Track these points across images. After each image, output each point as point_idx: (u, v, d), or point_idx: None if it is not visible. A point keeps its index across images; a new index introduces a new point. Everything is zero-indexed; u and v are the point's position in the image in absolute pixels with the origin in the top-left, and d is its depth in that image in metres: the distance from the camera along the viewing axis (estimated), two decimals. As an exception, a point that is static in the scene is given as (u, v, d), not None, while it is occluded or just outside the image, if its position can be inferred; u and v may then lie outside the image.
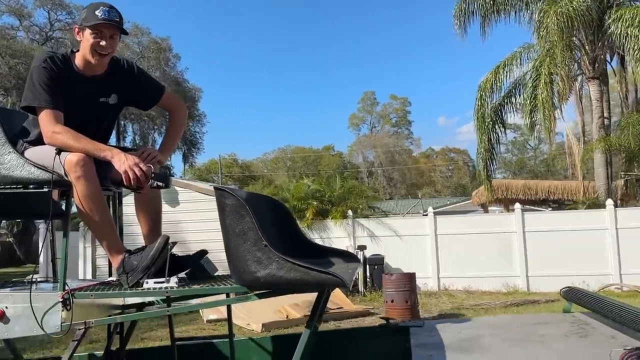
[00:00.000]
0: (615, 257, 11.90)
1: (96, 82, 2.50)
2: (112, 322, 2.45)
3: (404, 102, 60.83)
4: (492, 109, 14.81)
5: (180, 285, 2.24)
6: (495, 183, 18.75)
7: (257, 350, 3.20)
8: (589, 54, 14.22)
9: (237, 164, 55.23)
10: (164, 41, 29.84)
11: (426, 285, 12.45)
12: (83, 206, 2.22)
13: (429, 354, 2.28)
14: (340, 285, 2.02)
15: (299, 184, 14.84)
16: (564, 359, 1.91)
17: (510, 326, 2.76)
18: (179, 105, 2.79)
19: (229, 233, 2.05)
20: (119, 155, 2.22)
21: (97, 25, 2.37)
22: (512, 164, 53.36)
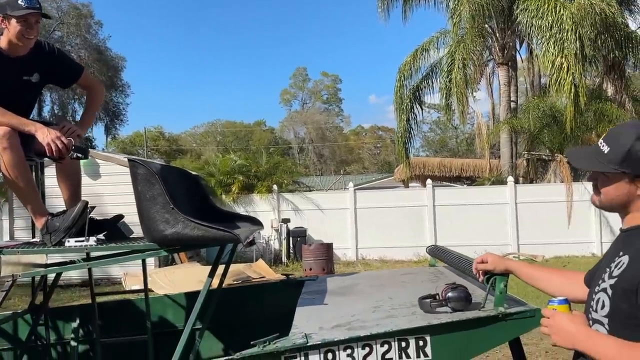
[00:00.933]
0: (514, 228, 13.19)
1: (20, 62, 2.75)
2: (37, 274, 2.76)
3: (335, 79, 61.50)
4: (410, 91, 15.66)
5: (98, 243, 2.59)
6: (414, 161, 19.86)
7: (172, 306, 3.59)
8: (499, 41, 15.32)
9: (163, 137, 53.88)
10: (85, 7, 28.52)
11: (345, 256, 13.24)
12: (9, 174, 2.50)
13: (313, 297, 2.78)
14: (235, 242, 2.45)
15: (225, 158, 15.08)
16: (409, 293, 2.46)
17: (384, 276, 3.34)
18: (96, 85, 3.11)
19: (141, 199, 2.41)
20: (42, 129, 2.52)
21: (24, 16, 2.61)
22: (435, 142, 55.72)
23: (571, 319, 1.44)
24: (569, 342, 1.41)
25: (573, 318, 1.44)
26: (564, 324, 1.43)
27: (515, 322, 2.06)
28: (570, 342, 1.41)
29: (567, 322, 1.43)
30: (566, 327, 1.42)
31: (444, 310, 2.13)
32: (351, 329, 2.07)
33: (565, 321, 1.44)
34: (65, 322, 3.49)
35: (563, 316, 1.45)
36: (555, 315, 1.46)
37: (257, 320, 3.24)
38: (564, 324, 1.43)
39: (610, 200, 1.49)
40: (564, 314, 1.46)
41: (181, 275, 9.93)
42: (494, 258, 2.04)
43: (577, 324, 1.42)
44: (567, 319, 1.44)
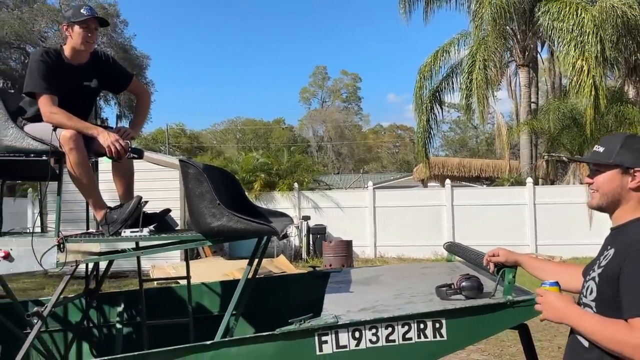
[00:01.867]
0: (532, 229, 13.31)
1: (81, 69, 3.10)
2: (96, 260, 3.10)
3: (355, 77, 61.53)
4: (430, 92, 15.84)
5: (151, 234, 2.92)
6: (433, 160, 20.01)
7: (208, 293, 3.93)
8: (520, 43, 15.41)
9: (185, 134, 54.64)
10: (111, 7, 29.15)
11: (364, 253, 13.51)
12: (74, 171, 2.85)
13: (339, 286, 3.08)
14: (273, 234, 2.75)
15: (247, 156, 15.45)
16: (427, 284, 2.74)
17: (404, 269, 3.62)
18: (144, 91, 3.48)
19: (191, 195, 2.73)
20: (103, 133, 2.85)
21: (85, 21, 2.97)
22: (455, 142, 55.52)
23: (560, 297, 1.71)
24: (557, 317, 1.68)
25: (562, 297, 1.71)
26: (554, 301, 1.70)
27: (522, 309, 2.33)
28: (558, 317, 1.68)
29: (557, 300, 1.70)
30: (555, 304, 1.69)
31: (458, 298, 2.42)
32: (376, 312, 2.36)
33: (554, 299, 1.70)
34: (112, 307, 3.85)
35: (553, 294, 1.72)
36: (547, 294, 1.73)
37: (287, 307, 3.54)
38: (553, 301, 1.70)
39: (606, 193, 1.74)
40: (554, 293, 1.73)
41: (206, 269, 10.33)
42: (504, 252, 2.31)
43: (565, 302, 1.68)
44: (557, 297, 1.70)
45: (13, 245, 2.85)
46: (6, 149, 2.89)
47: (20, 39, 25.24)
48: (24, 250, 2.84)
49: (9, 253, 2.84)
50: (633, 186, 1.69)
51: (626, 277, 1.53)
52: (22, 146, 2.88)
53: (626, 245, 1.62)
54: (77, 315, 3.69)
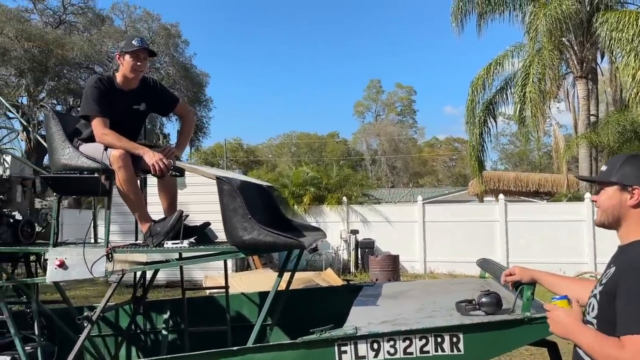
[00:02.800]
0: (591, 247, 12.76)
1: (131, 94, 3.39)
2: (141, 270, 3.35)
3: (410, 90, 61.20)
4: (483, 105, 15.60)
5: (190, 245, 3.14)
6: (488, 175, 19.60)
7: (247, 303, 4.12)
8: (577, 54, 14.95)
9: (241, 149, 56.05)
10: (173, 27, 30.53)
11: (413, 268, 13.40)
12: (122, 188, 3.12)
13: (367, 300, 3.18)
14: (300, 248, 2.90)
15: (297, 170, 15.74)
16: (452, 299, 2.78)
17: (434, 285, 3.67)
18: (189, 113, 3.73)
19: (225, 209, 2.93)
20: (149, 152, 3.11)
21: (135, 51, 3.26)
22: (514, 155, 53.91)
23: (567, 312, 1.75)
24: (562, 332, 1.73)
25: (568, 312, 1.75)
26: (560, 316, 1.75)
27: (540, 325, 2.35)
28: (563, 332, 1.73)
29: (563, 315, 1.75)
30: (561, 319, 1.74)
31: (478, 313, 2.47)
32: (395, 325, 2.45)
33: (561, 314, 1.75)
34: (158, 314, 4.11)
35: (560, 310, 1.77)
36: (554, 309, 1.78)
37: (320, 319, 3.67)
38: (560, 316, 1.75)
39: (606, 210, 1.79)
40: (561, 308, 1.77)
41: (255, 280, 10.58)
42: (520, 270, 2.36)
43: (570, 318, 1.73)
44: (563, 313, 1.75)
45: (67, 254, 3.14)
46: (63, 167, 3.21)
47: (89, 60, 26.87)
48: (77, 259, 3.12)
49: (64, 261, 3.12)
50: (632, 204, 1.72)
51: (619, 296, 1.57)
52: (77, 164, 3.18)
53: (625, 264, 1.65)
54: (126, 321, 3.97)
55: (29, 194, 3.64)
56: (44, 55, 25.94)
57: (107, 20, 30.43)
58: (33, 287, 3.48)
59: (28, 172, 3.90)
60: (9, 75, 27.03)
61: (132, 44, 3.30)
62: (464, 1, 15.81)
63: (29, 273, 3.68)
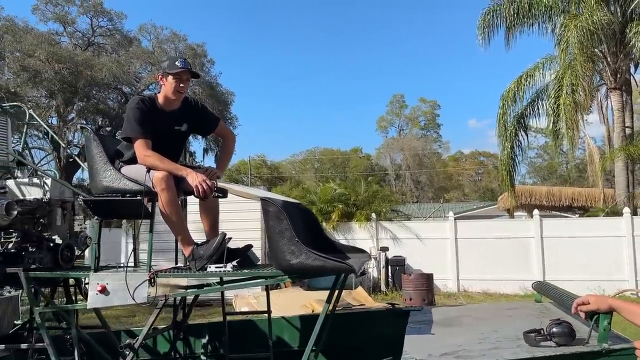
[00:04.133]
0: (631, 263, 12.27)
1: (173, 115, 3.32)
2: (184, 295, 3.25)
3: (433, 105, 60.84)
4: (514, 118, 15.30)
5: (234, 269, 3.03)
6: (519, 189, 19.16)
7: (288, 327, 3.98)
8: (610, 66, 14.58)
9: (265, 165, 56.32)
10: (199, 47, 31.03)
11: (446, 287, 13.06)
12: (165, 210, 3.03)
13: (419, 327, 3.01)
14: (350, 272, 2.76)
15: (325, 187, 15.60)
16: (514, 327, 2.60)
17: (488, 310, 3.47)
18: (229, 133, 3.66)
19: (272, 232, 2.81)
20: (192, 174, 3.02)
21: (179, 73, 3.19)
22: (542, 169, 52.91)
23: None
24: None
25: None
26: None
27: (619, 358, 2.15)
28: None
29: None
30: None
31: (548, 345, 2.28)
32: (459, 358, 2.27)
33: None
34: (197, 339, 3.99)
35: None
36: None
37: (366, 345, 3.51)
38: None
39: None
40: None
41: (285, 299, 10.44)
42: (595, 298, 2.14)
43: None
44: None
45: (109, 279, 3.05)
46: (105, 190, 3.14)
47: (117, 80, 27.40)
48: (119, 284, 3.03)
49: (105, 287, 3.04)
50: None
51: None
52: (119, 187, 3.11)
53: None
54: (165, 346, 3.86)
55: (69, 216, 3.59)
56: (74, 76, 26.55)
57: (134, 42, 31.07)
58: (73, 313, 3.41)
59: (67, 194, 3.86)
60: (40, 96, 27.74)
61: (176, 65, 3.24)
62: (491, 15, 15.63)
63: (68, 298, 3.61)
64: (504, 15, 15.33)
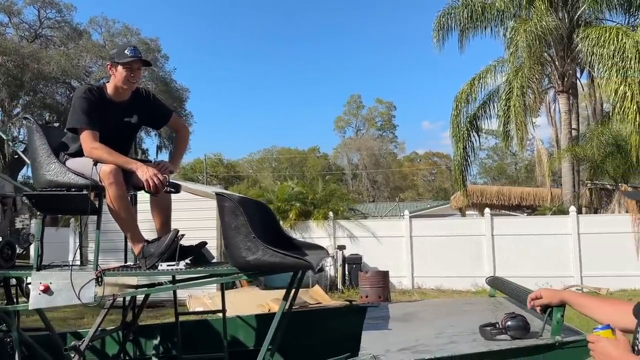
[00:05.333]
0: (576, 260, 12.77)
1: (122, 106, 3.17)
2: (134, 294, 3.11)
3: (389, 106, 61.54)
4: (467, 119, 15.66)
5: (186, 267, 2.92)
6: (471, 188, 19.65)
7: (244, 326, 3.88)
8: (558, 69, 15.14)
9: (222, 164, 55.57)
10: (153, 42, 30.26)
11: (401, 284, 13.22)
12: (114, 205, 2.89)
13: (377, 323, 2.99)
14: (308, 268, 2.70)
15: (283, 186, 15.51)
16: (470, 322, 2.62)
17: (445, 305, 3.50)
18: (183, 126, 3.53)
19: (227, 228, 2.72)
20: (142, 167, 2.89)
21: (129, 62, 3.04)
22: (493, 169, 54.54)
23: (614, 344, 1.53)
24: None
25: (616, 343, 1.53)
26: (607, 349, 1.53)
27: (572, 350, 2.19)
28: None
29: (610, 347, 1.52)
30: (609, 352, 1.52)
31: (504, 338, 2.29)
32: (416, 352, 2.25)
33: (608, 346, 1.53)
34: (148, 340, 3.84)
35: (606, 341, 1.54)
36: (599, 341, 1.55)
37: (324, 343, 3.46)
38: (607, 348, 1.53)
39: None
40: (607, 339, 1.55)
41: (241, 299, 10.29)
42: (548, 292, 2.17)
43: (619, 350, 1.51)
44: (610, 345, 1.53)
45: (53, 278, 2.89)
46: (48, 184, 2.97)
47: (65, 74, 26.38)
48: (63, 283, 2.87)
49: (49, 286, 2.87)
50: None
51: None
52: (63, 181, 2.94)
53: None
54: (114, 347, 3.70)
55: (10, 213, 3.38)
56: (19, 69, 25.40)
57: (84, 35, 30.00)
58: (13, 314, 3.21)
59: (8, 189, 3.64)
60: (-17, 90, 26.40)
61: (125, 53, 3.09)
62: (446, 17, 15.94)
63: (9, 299, 3.40)
64: (458, 18, 15.66)
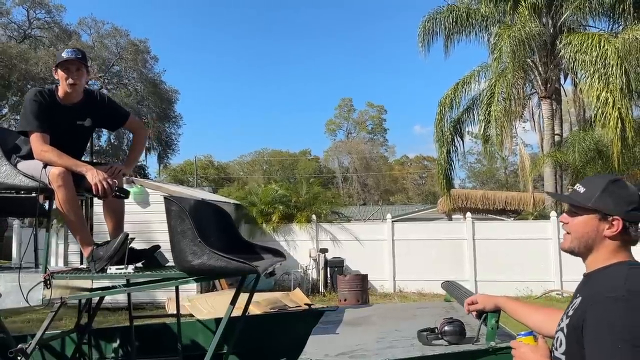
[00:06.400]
0: (557, 265, 12.86)
1: (74, 109, 3.17)
2: (82, 297, 3.10)
3: (380, 109, 61.77)
4: (451, 123, 15.74)
5: (136, 271, 2.91)
6: (456, 193, 19.75)
7: (203, 330, 3.88)
8: (541, 75, 15.25)
9: (212, 166, 55.44)
10: (142, 43, 30.16)
11: (382, 287, 13.24)
12: (62, 208, 2.88)
13: (327, 327, 3.00)
14: (253, 273, 2.71)
15: (266, 188, 15.50)
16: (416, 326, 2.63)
17: (398, 309, 3.52)
18: (140, 129, 3.52)
19: (173, 232, 2.73)
20: (92, 171, 2.89)
21: (63, 63, 3.05)
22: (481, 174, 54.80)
23: (533, 350, 1.62)
24: None
25: (535, 349, 1.62)
26: (526, 354, 1.62)
27: (506, 356, 2.20)
28: None
29: (529, 352, 1.62)
30: (528, 358, 1.61)
31: (440, 343, 2.31)
32: (353, 357, 2.27)
33: (527, 352, 1.62)
34: (107, 343, 3.83)
35: (526, 347, 1.64)
36: (520, 346, 1.66)
37: (280, 346, 3.47)
38: (526, 354, 1.62)
39: (579, 237, 1.63)
40: (527, 345, 1.65)
41: (221, 302, 10.25)
42: (482, 298, 2.22)
43: (537, 355, 1.60)
44: (530, 350, 1.63)
45: (1, 281, 2.88)
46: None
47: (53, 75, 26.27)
48: (11, 286, 2.86)
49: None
50: (609, 234, 1.59)
51: (587, 331, 1.44)
52: (13, 183, 2.94)
53: (592, 293, 1.53)
54: (69, 350, 3.68)
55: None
56: (7, 70, 25.26)
57: (74, 36, 29.88)
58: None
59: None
60: (-31, 89, 26.22)
61: (62, 56, 3.09)
62: (431, 22, 16.01)
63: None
64: (444, 23, 15.74)
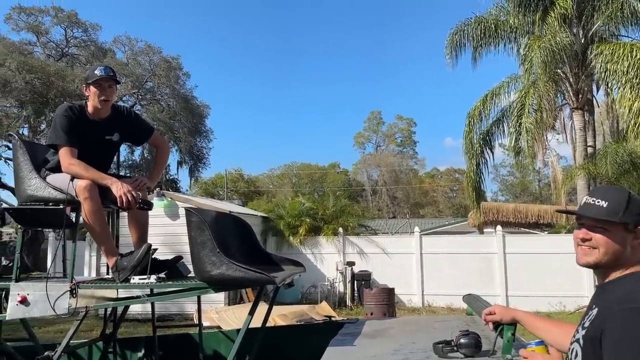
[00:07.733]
0: (590, 280, 12.47)
1: (102, 124, 3.30)
2: (106, 307, 3.20)
3: (410, 122, 61.50)
4: (480, 136, 15.55)
5: (158, 281, 2.99)
6: (487, 206, 19.43)
7: (225, 341, 3.93)
8: (573, 86, 14.95)
9: (242, 179, 56.01)
10: (174, 60, 30.88)
11: (411, 302, 13.09)
12: (88, 220, 2.99)
13: (345, 339, 3.01)
14: (271, 283, 2.75)
15: (293, 201, 15.57)
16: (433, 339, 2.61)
17: (418, 322, 3.49)
18: (163, 144, 3.64)
19: (193, 243, 2.80)
20: (117, 184, 3.00)
21: (97, 81, 3.17)
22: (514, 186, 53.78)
23: (547, 359, 1.60)
24: None
25: (549, 358, 1.60)
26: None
27: (521, 370, 2.18)
28: None
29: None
30: None
31: (455, 356, 2.30)
32: (367, 369, 2.28)
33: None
34: (131, 352, 3.92)
35: (539, 356, 1.62)
36: (533, 356, 1.63)
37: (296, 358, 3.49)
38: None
39: (614, 251, 1.58)
40: (539, 355, 1.63)
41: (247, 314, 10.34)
42: (500, 309, 2.20)
43: None
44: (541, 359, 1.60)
45: (30, 290, 2.99)
46: (29, 198, 3.09)
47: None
48: (40, 295, 2.97)
49: (26, 297, 2.97)
50: (636, 245, 1.58)
51: (606, 342, 1.42)
52: (42, 195, 3.07)
53: (609, 304, 1.50)
54: (95, 359, 3.78)
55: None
56: (45, 87, 26.20)
57: (109, 53, 30.84)
58: (-5, 325, 3.32)
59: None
60: (10, 106, 27.28)
61: (95, 73, 3.23)
62: (458, 35, 15.93)
63: (-5, 309, 3.51)
64: (471, 35, 15.65)
